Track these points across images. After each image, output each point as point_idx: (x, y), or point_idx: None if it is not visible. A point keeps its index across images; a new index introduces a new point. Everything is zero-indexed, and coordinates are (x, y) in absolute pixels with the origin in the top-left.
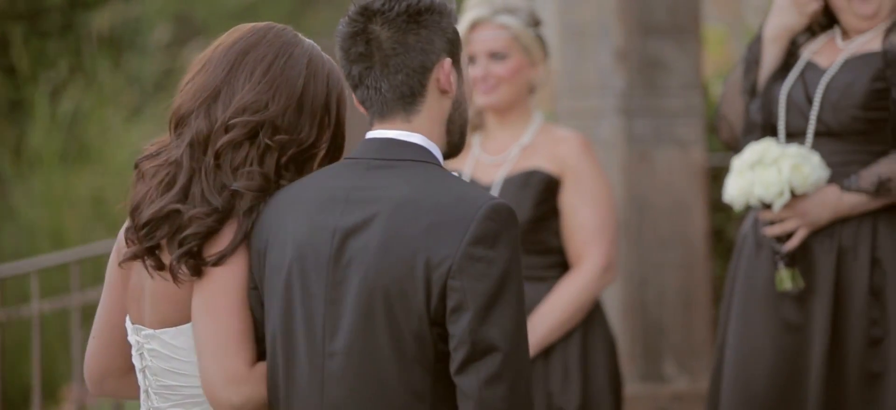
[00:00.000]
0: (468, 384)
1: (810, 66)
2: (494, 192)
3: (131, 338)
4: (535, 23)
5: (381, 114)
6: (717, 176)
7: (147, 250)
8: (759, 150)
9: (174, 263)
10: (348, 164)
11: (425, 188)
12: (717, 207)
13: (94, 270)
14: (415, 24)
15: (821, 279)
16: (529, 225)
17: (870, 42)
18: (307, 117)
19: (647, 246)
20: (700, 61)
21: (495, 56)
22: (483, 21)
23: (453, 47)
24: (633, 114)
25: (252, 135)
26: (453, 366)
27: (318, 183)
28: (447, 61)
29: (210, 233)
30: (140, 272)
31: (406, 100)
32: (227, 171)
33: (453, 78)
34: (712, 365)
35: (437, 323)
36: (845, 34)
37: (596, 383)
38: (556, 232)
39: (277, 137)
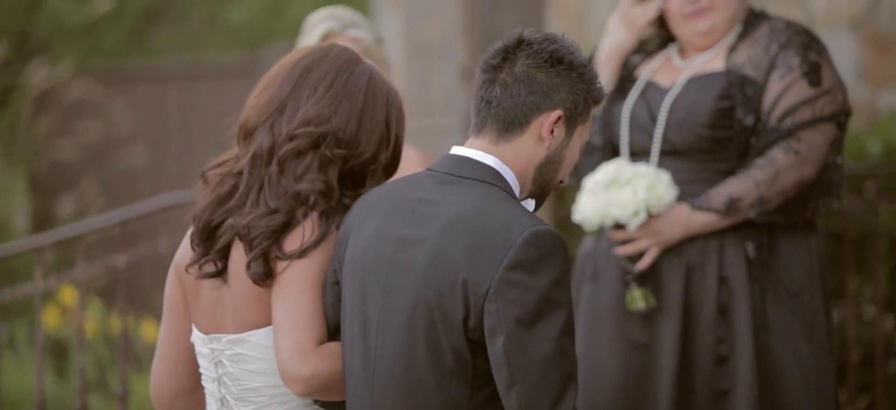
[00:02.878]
0: (511, 404)
1: (651, 85)
2: None
3: (203, 349)
4: (379, 39)
5: (479, 127)
6: (561, 194)
7: (217, 254)
8: (612, 171)
9: (248, 266)
10: (427, 175)
11: (479, 208)
12: (562, 225)
13: None
14: (551, 67)
15: (669, 297)
16: None
17: (711, 61)
18: (366, 132)
19: None
20: None
21: None
22: (335, 34)
23: (575, 109)
24: None
25: (314, 146)
26: (499, 387)
27: (397, 189)
28: (557, 113)
29: (277, 232)
30: (213, 283)
31: (504, 125)
32: (289, 178)
33: (557, 132)
34: None
35: (476, 341)
36: (683, 52)
37: None
38: None
39: (338, 151)
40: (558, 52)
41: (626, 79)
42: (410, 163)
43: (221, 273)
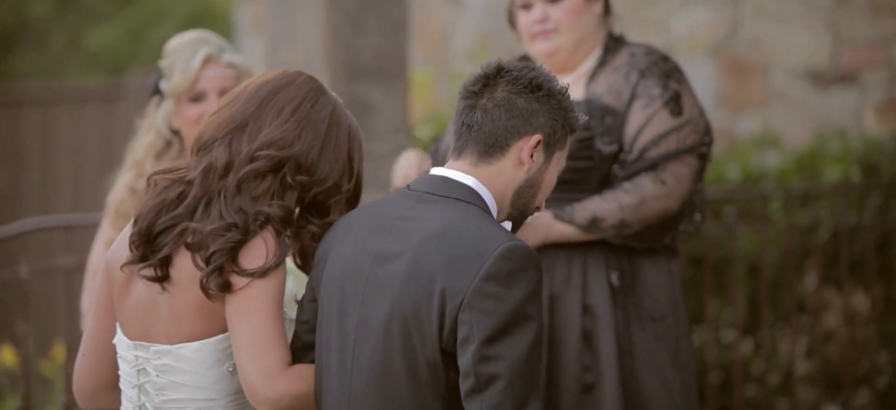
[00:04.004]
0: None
1: None
2: None
3: (127, 354)
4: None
5: (459, 149)
6: None
7: (160, 262)
8: None
9: (204, 280)
10: (406, 194)
11: (456, 223)
12: None
13: None
14: (531, 93)
15: None
16: None
17: (570, 89)
18: (328, 161)
19: None
20: (407, 105)
21: (225, 94)
22: (214, 58)
23: (553, 134)
24: None
25: (275, 169)
26: (462, 395)
27: (376, 208)
28: (537, 138)
29: (235, 249)
30: (147, 288)
31: (485, 148)
32: (246, 197)
33: (537, 157)
34: None
35: (449, 352)
36: None
37: None
38: None
39: (299, 177)
40: (537, 78)
41: None
42: None
43: (163, 280)
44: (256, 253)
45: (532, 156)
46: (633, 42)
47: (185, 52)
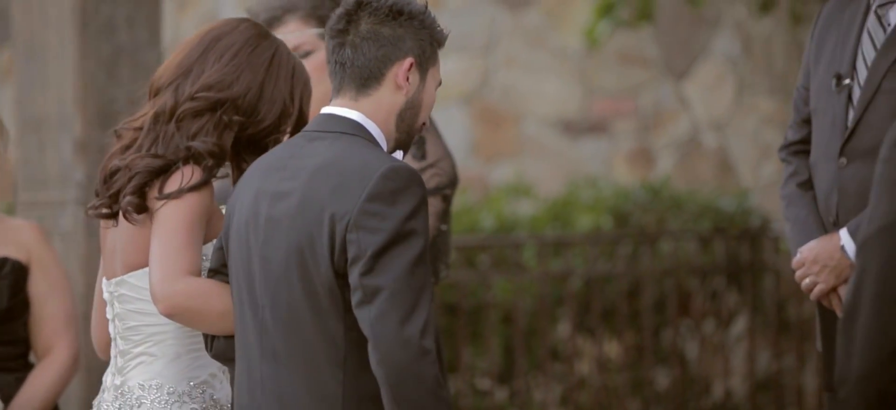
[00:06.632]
0: (362, 321)
1: None
2: None
3: (105, 293)
4: None
5: (338, 88)
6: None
7: (110, 198)
8: None
9: (123, 203)
10: (297, 137)
11: (342, 154)
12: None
13: None
14: (394, 20)
15: None
16: (4, 315)
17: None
18: (267, 103)
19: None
20: None
21: None
22: None
23: (423, 54)
24: None
25: (212, 109)
26: (354, 310)
27: (272, 154)
28: (409, 61)
29: (155, 173)
30: (113, 231)
31: (361, 82)
32: (183, 136)
33: (412, 79)
34: None
35: (343, 275)
36: None
37: None
38: (25, 323)
39: (235, 118)
40: (397, 5)
41: None
42: (31, 234)
43: (113, 216)
44: (174, 181)
45: (408, 79)
46: None
47: None
